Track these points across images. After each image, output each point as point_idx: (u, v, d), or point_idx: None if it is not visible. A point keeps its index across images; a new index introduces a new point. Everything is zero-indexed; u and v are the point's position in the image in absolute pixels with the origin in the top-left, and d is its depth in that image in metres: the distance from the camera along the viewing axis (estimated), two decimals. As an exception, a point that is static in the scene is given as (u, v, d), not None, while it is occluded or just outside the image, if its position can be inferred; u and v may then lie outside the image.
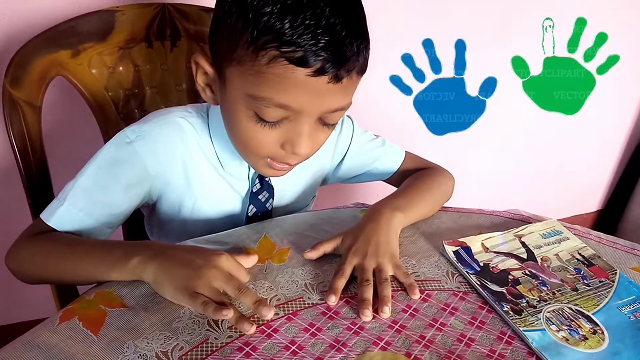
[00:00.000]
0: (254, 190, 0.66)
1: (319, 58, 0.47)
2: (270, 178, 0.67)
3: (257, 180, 0.66)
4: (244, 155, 0.60)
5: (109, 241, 0.55)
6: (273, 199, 0.69)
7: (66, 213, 0.56)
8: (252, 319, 0.48)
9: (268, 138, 0.54)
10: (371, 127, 0.78)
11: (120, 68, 0.76)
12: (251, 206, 0.67)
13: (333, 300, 0.51)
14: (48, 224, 0.56)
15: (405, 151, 0.77)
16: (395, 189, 0.72)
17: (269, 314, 0.48)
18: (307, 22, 0.46)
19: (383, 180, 0.79)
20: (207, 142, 0.63)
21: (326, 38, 0.47)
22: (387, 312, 0.50)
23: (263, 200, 0.68)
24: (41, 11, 0.83)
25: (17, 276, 0.58)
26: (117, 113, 0.77)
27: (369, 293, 0.52)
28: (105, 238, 0.60)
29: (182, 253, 0.51)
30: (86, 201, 0.57)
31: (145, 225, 0.77)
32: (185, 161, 0.62)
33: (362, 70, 0.53)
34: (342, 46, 0.48)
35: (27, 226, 0.59)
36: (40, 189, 0.71)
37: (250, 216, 0.68)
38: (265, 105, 0.50)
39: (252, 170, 0.66)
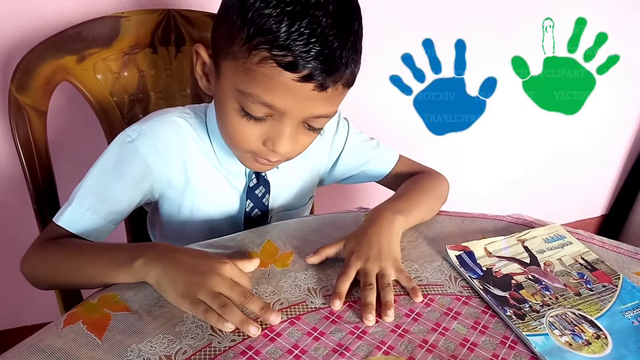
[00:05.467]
0: (250, 186, 0.68)
1: (308, 66, 0.49)
2: (266, 173, 0.69)
3: (254, 176, 0.68)
4: (230, 147, 0.62)
5: (117, 244, 0.55)
6: (269, 194, 0.70)
7: (74, 213, 0.58)
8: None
9: (251, 133, 0.56)
10: (371, 127, 0.79)
11: (125, 73, 0.77)
12: (249, 201, 0.69)
13: (338, 305, 0.52)
14: (58, 223, 0.58)
15: (399, 154, 0.78)
16: (390, 191, 0.73)
17: (276, 319, 0.48)
18: (303, 29, 0.48)
19: (377, 182, 0.79)
20: (205, 140, 0.65)
21: (317, 47, 0.49)
22: (390, 316, 0.50)
23: (260, 195, 0.69)
24: (47, 17, 0.84)
25: (31, 282, 0.59)
26: (122, 118, 0.78)
27: (372, 297, 0.52)
28: (109, 233, 0.62)
29: (186, 258, 0.52)
30: (92, 200, 0.59)
31: (147, 225, 0.78)
32: (185, 158, 0.64)
33: (349, 83, 0.55)
34: (332, 57, 0.50)
35: (40, 232, 0.61)
36: (46, 194, 0.71)
37: (248, 212, 0.69)
38: (252, 101, 0.53)
39: None
